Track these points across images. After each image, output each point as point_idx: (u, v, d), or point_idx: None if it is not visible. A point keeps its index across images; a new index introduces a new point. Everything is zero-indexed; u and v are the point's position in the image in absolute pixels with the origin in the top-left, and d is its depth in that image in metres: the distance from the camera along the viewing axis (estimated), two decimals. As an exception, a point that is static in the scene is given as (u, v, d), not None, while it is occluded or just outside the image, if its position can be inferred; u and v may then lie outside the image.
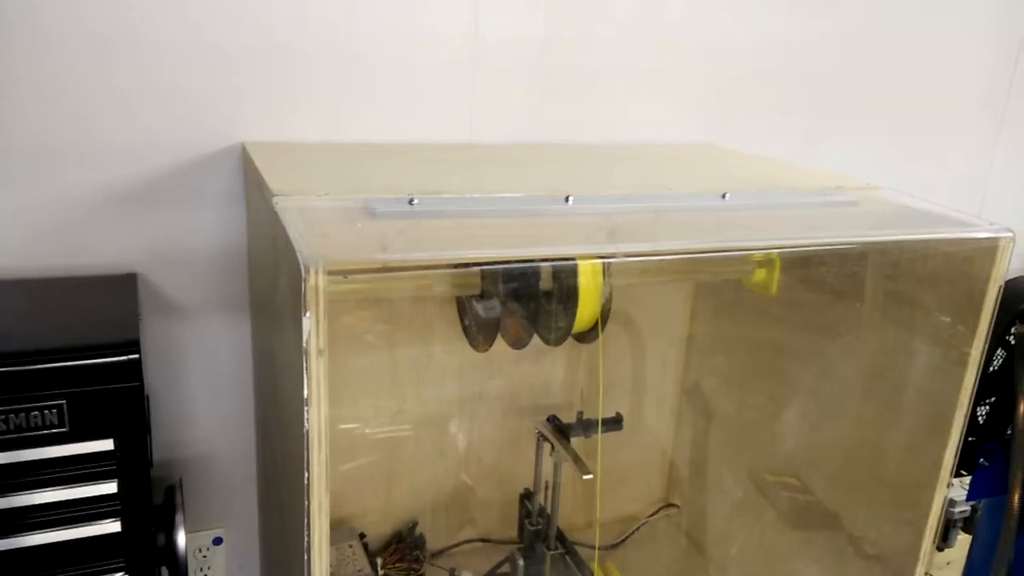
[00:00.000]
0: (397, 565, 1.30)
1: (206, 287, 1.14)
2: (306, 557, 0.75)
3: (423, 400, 1.27)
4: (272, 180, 0.86)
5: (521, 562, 1.17)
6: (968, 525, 1.71)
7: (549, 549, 1.18)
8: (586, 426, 1.15)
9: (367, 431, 1.27)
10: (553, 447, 1.13)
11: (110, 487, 0.89)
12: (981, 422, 1.41)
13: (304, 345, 0.65)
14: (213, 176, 1.09)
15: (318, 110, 1.13)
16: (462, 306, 1.14)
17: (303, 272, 0.64)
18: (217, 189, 1.10)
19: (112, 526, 0.90)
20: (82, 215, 1.05)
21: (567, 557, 1.16)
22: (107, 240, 1.07)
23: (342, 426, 1.24)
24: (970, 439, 1.39)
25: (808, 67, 1.42)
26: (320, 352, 0.66)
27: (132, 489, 0.90)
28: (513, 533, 1.31)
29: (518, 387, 1.32)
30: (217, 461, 1.23)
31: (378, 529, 1.32)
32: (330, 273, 0.65)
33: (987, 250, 0.91)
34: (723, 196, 0.95)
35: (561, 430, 1.14)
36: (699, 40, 1.32)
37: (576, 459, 1.08)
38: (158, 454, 1.16)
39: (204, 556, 1.26)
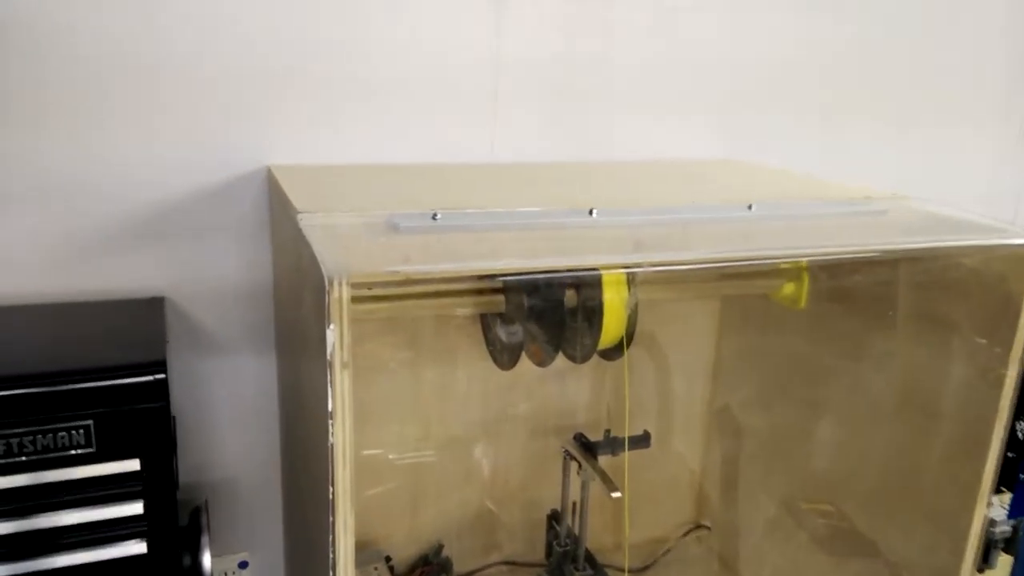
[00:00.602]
0: (425, 589, 1.28)
1: (232, 311, 1.14)
2: (331, 556, 0.74)
3: (448, 423, 1.26)
4: (296, 199, 0.87)
5: (550, 583, 1.15)
6: (1010, 546, 1.66)
7: (578, 570, 1.16)
8: (613, 444, 1.13)
9: (391, 456, 1.26)
10: (580, 466, 1.12)
11: (136, 508, 0.89)
12: (1021, 437, 1.37)
13: (328, 358, 0.65)
14: (239, 200, 1.10)
15: (342, 132, 1.13)
16: (486, 324, 1.13)
17: (327, 284, 0.64)
18: (243, 213, 1.11)
19: (138, 547, 0.90)
20: (110, 240, 1.06)
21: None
22: (135, 265, 1.08)
23: (366, 452, 1.23)
24: (1010, 455, 1.35)
25: (825, 77, 1.41)
26: (345, 365, 0.66)
27: (158, 509, 0.89)
28: (540, 556, 1.29)
29: (543, 407, 1.31)
30: (243, 485, 1.23)
31: (404, 552, 1.30)
32: (353, 285, 0.64)
33: (1021, 262, 0.88)
34: (749, 207, 0.94)
35: (588, 448, 1.13)
36: (715, 54, 1.32)
37: (604, 477, 1.06)
38: (184, 477, 1.16)
39: (230, 581, 1.25)
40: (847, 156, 1.47)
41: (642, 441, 1.15)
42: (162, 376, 0.87)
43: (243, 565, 1.25)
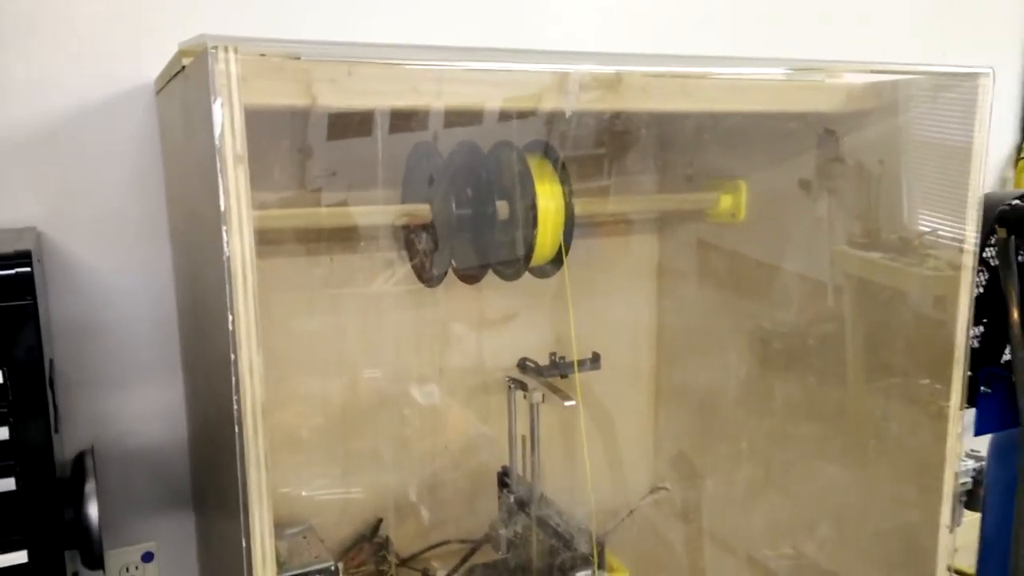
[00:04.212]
0: (361, 568, 1.13)
1: (120, 249, 1.01)
2: (243, 517, 0.61)
3: (376, 375, 1.14)
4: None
5: (503, 531, 1.02)
6: (972, 499, 1.59)
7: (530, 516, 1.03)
8: (561, 366, 1.03)
9: (315, 418, 1.13)
10: (526, 390, 1.01)
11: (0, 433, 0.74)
12: (977, 346, 1.32)
13: (216, 143, 0.54)
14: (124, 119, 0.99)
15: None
16: (410, 242, 1.03)
17: (209, 54, 0.54)
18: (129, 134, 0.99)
19: (5, 484, 0.74)
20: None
21: (557, 517, 1.01)
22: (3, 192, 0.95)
23: (281, 415, 1.09)
24: (968, 374, 1.30)
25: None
26: (239, 159, 0.55)
27: (29, 438, 0.74)
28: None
29: (481, 359, 1.20)
30: (143, 459, 1.06)
31: (336, 532, 1.15)
32: (242, 55, 0.55)
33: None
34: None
35: (536, 372, 1.02)
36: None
37: (555, 390, 0.96)
38: (70, 453, 1.00)
39: (132, 577, 1.07)
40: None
41: (592, 363, 1.05)
42: (27, 270, 0.74)
43: (147, 557, 1.08)
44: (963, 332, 0.95)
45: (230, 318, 0.56)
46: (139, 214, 1.01)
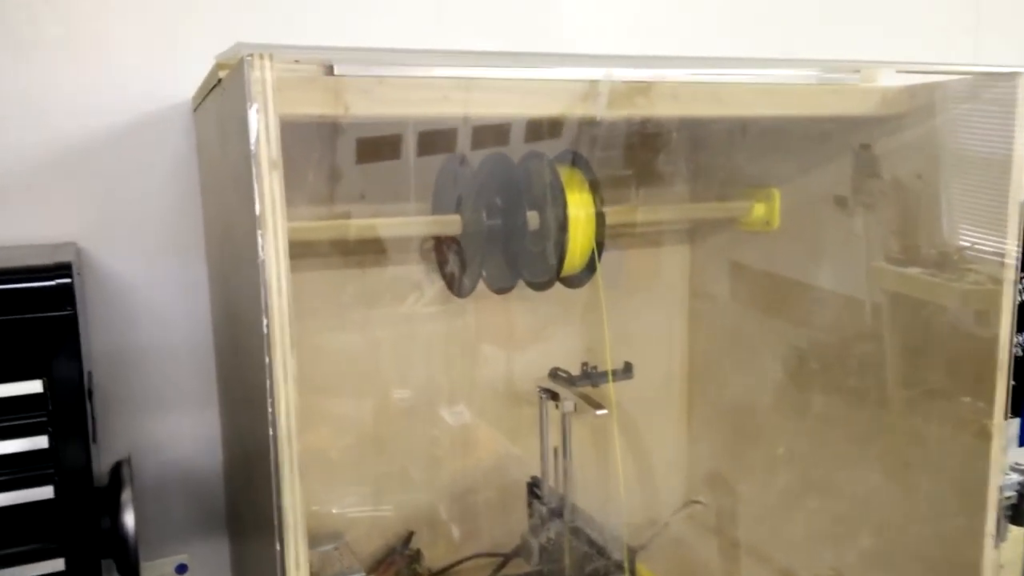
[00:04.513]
0: (394, 581, 1.12)
1: (157, 265, 1.03)
2: (276, 522, 0.61)
3: (407, 389, 1.14)
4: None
5: (533, 541, 1.01)
6: (1017, 514, 1.55)
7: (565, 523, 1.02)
8: (592, 376, 1.02)
9: (346, 429, 1.13)
10: (558, 401, 1.00)
11: (40, 442, 0.75)
12: (1021, 354, 1.29)
13: (252, 150, 0.55)
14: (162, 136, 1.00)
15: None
16: (441, 252, 1.03)
17: (246, 63, 0.55)
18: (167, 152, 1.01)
19: (43, 492, 0.75)
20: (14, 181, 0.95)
21: (586, 530, 0.99)
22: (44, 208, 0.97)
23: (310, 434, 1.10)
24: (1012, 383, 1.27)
25: None
26: (274, 165, 0.56)
27: (67, 446, 0.75)
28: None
29: (511, 370, 1.20)
30: (178, 473, 1.07)
31: (367, 545, 1.15)
32: (278, 63, 0.55)
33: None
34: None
35: (567, 382, 1.02)
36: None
37: (586, 399, 0.95)
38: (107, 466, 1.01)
39: (167, 589, 1.08)
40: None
41: (624, 373, 1.04)
42: (67, 280, 0.75)
43: (181, 569, 1.08)
44: (1006, 347, 0.92)
45: (264, 321, 0.56)
46: (176, 231, 1.02)
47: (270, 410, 0.58)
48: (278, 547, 0.60)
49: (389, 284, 1.08)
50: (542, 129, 1.00)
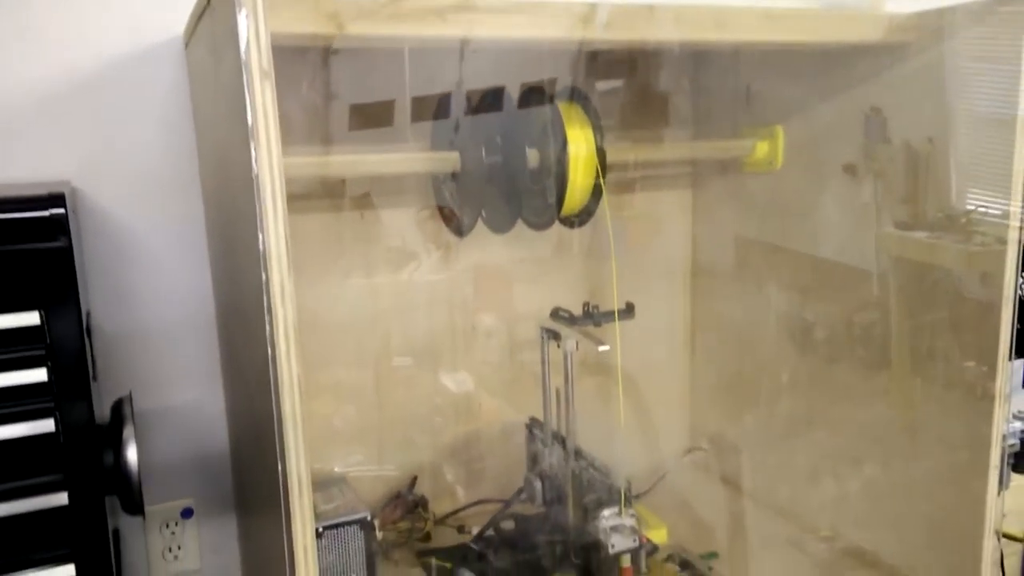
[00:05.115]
0: (398, 524, 1.13)
1: (152, 204, 1.01)
2: (280, 463, 0.61)
3: (408, 334, 1.14)
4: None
5: (538, 484, 1.01)
6: (1020, 463, 1.54)
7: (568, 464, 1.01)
8: (595, 316, 1.01)
9: (347, 375, 1.13)
10: (559, 339, 0.99)
11: (39, 375, 0.74)
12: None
13: (242, 58, 0.53)
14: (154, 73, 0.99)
15: None
16: (439, 191, 1.02)
17: (235, -31, 0.53)
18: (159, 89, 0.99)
19: (44, 425, 0.75)
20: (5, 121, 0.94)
21: (591, 469, 0.99)
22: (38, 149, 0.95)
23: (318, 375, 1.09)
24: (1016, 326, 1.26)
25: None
26: (265, 75, 0.55)
27: (66, 378, 0.75)
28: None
29: (512, 310, 1.19)
30: (181, 417, 1.07)
31: (371, 493, 1.15)
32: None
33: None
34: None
35: (569, 322, 1.01)
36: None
37: (587, 336, 0.94)
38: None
39: (172, 533, 1.08)
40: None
41: (626, 313, 1.03)
42: (61, 211, 0.74)
43: (187, 513, 1.09)
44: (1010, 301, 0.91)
45: (260, 237, 0.55)
46: (171, 169, 1.01)
47: (268, 328, 0.57)
48: (280, 469, 0.60)
49: (387, 223, 1.07)
50: (541, 53, 0.98)
